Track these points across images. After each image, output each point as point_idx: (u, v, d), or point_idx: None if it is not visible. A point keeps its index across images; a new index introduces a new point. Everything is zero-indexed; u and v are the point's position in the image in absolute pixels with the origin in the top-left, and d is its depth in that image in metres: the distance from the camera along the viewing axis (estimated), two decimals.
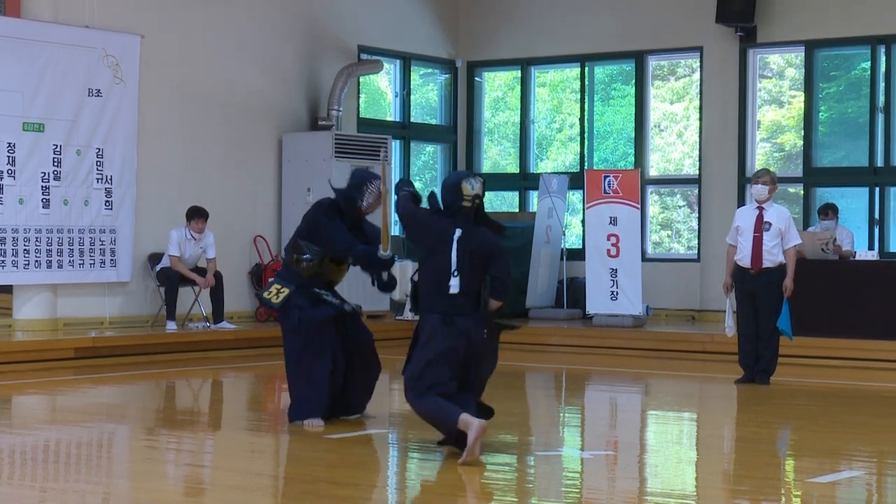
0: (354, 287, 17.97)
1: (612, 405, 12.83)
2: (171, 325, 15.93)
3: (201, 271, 16.15)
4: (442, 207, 9.07)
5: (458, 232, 8.93)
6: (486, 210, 9.17)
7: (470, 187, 8.97)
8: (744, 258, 13.17)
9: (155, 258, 16.43)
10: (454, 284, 8.89)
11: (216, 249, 16.27)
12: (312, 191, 17.84)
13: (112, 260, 16.21)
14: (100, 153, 16.07)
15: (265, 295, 10.33)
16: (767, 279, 13.08)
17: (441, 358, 8.86)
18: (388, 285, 10.42)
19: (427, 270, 9.03)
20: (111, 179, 16.19)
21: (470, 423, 8.55)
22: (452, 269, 8.89)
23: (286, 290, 10.19)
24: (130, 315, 16.40)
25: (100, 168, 16.07)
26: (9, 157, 15.32)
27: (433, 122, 21.05)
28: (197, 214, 16.08)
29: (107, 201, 16.16)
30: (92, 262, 16.02)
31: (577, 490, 8.10)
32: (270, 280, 10.44)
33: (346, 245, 10.11)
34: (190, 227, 16.05)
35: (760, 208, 13.22)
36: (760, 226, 13.12)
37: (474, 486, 8.13)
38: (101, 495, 7.88)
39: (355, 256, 10.17)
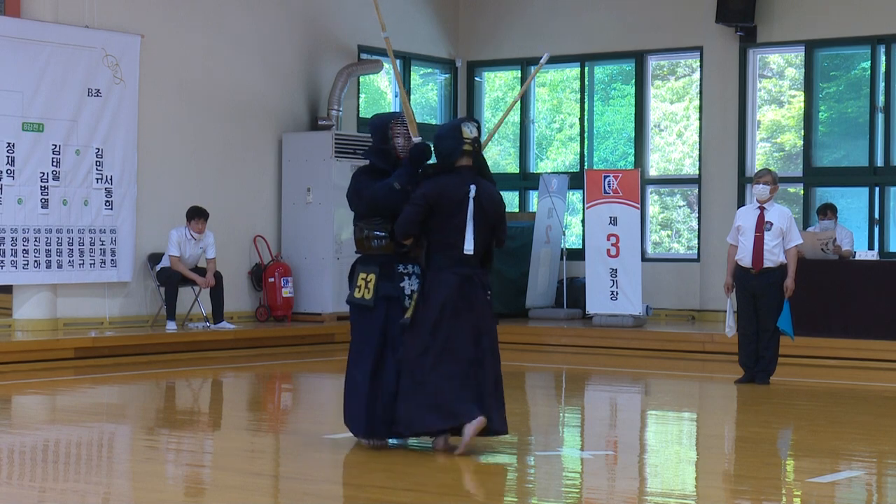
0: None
1: (612, 405, 12.82)
2: (171, 325, 15.93)
3: (201, 271, 16.15)
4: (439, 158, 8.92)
5: (472, 190, 8.81)
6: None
7: (469, 131, 8.88)
8: (745, 258, 13.17)
9: (155, 258, 16.43)
10: (469, 244, 8.78)
11: (216, 249, 16.27)
12: (312, 191, 17.85)
13: (112, 260, 16.21)
14: (99, 153, 16.07)
15: (356, 295, 9.14)
16: (768, 279, 13.08)
17: (448, 355, 8.74)
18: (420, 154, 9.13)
19: (442, 230, 8.81)
20: (111, 179, 16.19)
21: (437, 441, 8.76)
22: (468, 228, 8.78)
23: (373, 276, 9.10)
24: (130, 315, 16.40)
25: (99, 168, 16.07)
26: (8, 157, 15.32)
27: (433, 121, 21.03)
28: (197, 215, 16.08)
29: (107, 201, 16.16)
30: (92, 262, 16.02)
31: (576, 490, 8.09)
32: (353, 268, 9.29)
33: (379, 187, 9.01)
34: (190, 227, 16.05)
35: (762, 208, 13.22)
36: (762, 226, 13.11)
37: (474, 486, 8.13)
38: (101, 495, 7.87)
39: (400, 178, 8.98)
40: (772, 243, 13.10)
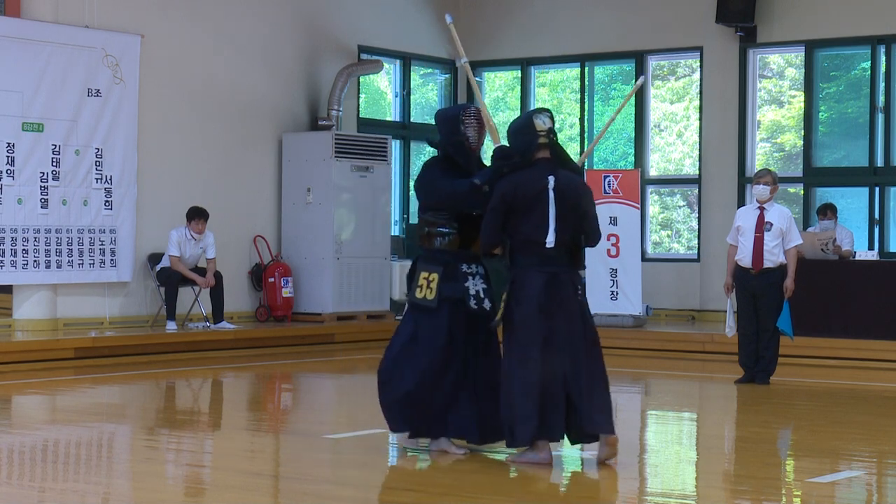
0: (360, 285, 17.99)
1: (613, 405, 12.81)
2: (171, 325, 15.92)
3: (201, 271, 16.15)
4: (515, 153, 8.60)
5: (551, 180, 8.48)
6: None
7: (542, 122, 8.55)
8: (745, 258, 13.17)
9: (155, 258, 16.43)
10: (551, 237, 8.44)
11: (216, 249, 16.27)
12: (312, 191, 17.85)
13: (112, 260, 16.20)
14: (99, 153, 16.06)
15: (418, 295, 8.80)
16: (768, 279, 13.08)
17: (532, 360, 8.37)
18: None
19: (523, 227, 8.46)
20: (111, 179, 16.19)
21: (540, 448, 8.41)
22: (550, 222, 8.44)
23: (436, 276, 8.75)
24: (130, 315, 16.40)
25: (99, 168, 16.06)
26: (8, 157, 15.31)
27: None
28: (197, 215, 16.08)
29: (106, 201, 16.15)
30: (92, 262, 16.01)
31: (577, 490, 8.09)
32: (414, 266, 8.93)
33: (461, 184, 8.68)
34: (190, 227, 16.05)
35: (762, 208, 13.22)
36: (762, 226, 13.11)
37: (474, 486, 8.12)
38: (101, 495, 7.87)
39: (483, 178, 8.64)
40: (772, 243, 13.10)
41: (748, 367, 13.30)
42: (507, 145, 8.76)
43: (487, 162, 8.90)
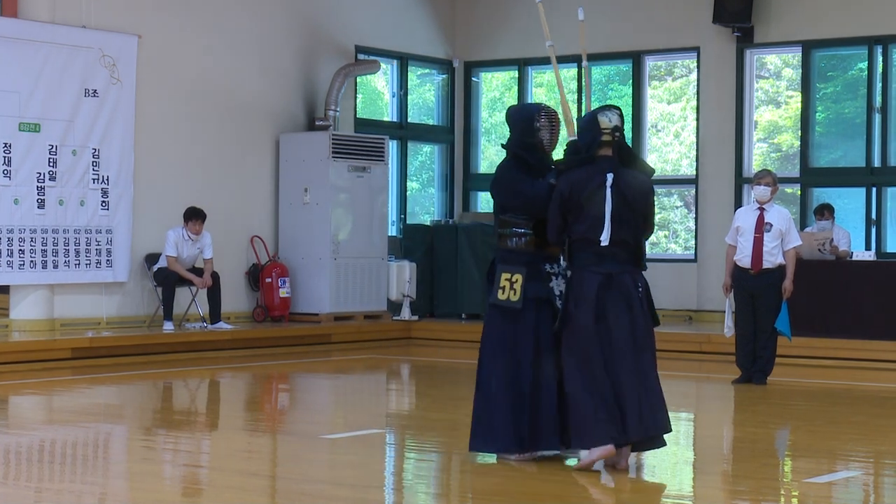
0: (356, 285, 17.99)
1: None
2: (169, 326, 15.91)
3: (198, 271, 16.14)
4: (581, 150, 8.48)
5: (609, 178, 8.32)
6: (630, 153, 8.54)
7: (608, 120, 8.41)
8: (744, 259, 13.17)
9: (152, 258, 16.41)
10: (606, 235, 8.27)
11: (213, 250, 16.26)
12: (310, 191, 17.84)
13: (108, 260, 16.18)
14: (96, 153, 16.05)
15: (500, 297, 8.57)
16: (767, 280, 13.08)
17: (589, 363, 8.25)
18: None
19: (579, 224, 8.33)
20: (107, 180, 16.17)
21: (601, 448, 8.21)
22: (606, 219, 8.28)
23: (519, 276, 8.56)
24: (127, 315, 16.38)
25: (96, 168, 16.05)
26: (4, 157, 15.29)
27: (430, 122, 21.03)
28: (194, 216, 16.06)
29: (103, 201, 16.14)
30: (88, 262, 16.00)
31: (575, 491, 8.08)
32: (495, 268, 8.70)
33: (541, 185, 8.54)
34: (187, 227, 16.04)
35: (761, 209, 13.22)
36: (761, 226, 13.11)
37: (471, 487, 8.11)
38: (98, 496, 7.87)
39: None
40: (771, 244, 13.10)
41: (745, 367, 13.30)
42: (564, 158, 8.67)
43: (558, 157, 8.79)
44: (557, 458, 8.62)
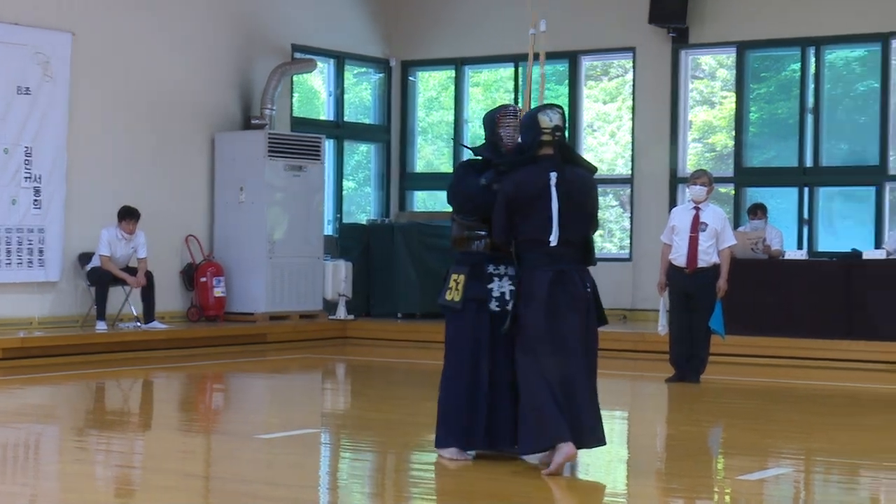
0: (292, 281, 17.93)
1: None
2: (102, 326, 15.80)
3: (132, 271, 16.04)
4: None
5: (553, 177, 8.29)
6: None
7: (548, 119, 8.33)
8: (679, 258, 13.25)
9: (85, 258, 16.28)
10: (554, 235, 8.22)
11: (147, 249, 16.16)
12: (245, 190, 17.78)
13: (41, 259, 16.05)
14: (28, 152, 15.91)
15: (446, 297, 8.64)
16: (702, 279, 13.17)
17: (547, 362, 8.17)
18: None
19: (527, 225, 8.26)
20: (40, 178, 16.03)
21: (560, 448, 8.11)
22: (553, 219, 8.23)
23: (462, 277, 8.60)
24: (60, 315, 16.25)
25: (28, 167, 15.91)
26: None
27: (367, 121, 21.01)
28: (128, 215, 15.96)
29: (35, 200, 15.99)
30: (20, 261, 15.86)
31: (509, 489, 8.09)
32: (449, 269, 8.78)
33: (476, 185, 8.56)
34: (121, 227, 15.93)
35: (697, 208, 13.31)
36: (697, 226, 13.20)
37: (405, 486, 8.12)
38: (29, 497, 7.80)
39: (489, 180, 8.53)
40: (706, 244, 13.19)
41: (679, 365, 13.39)
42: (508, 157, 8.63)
43: None
44: (495, 458, 8.64)
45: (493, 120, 8.71)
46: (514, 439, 8.50)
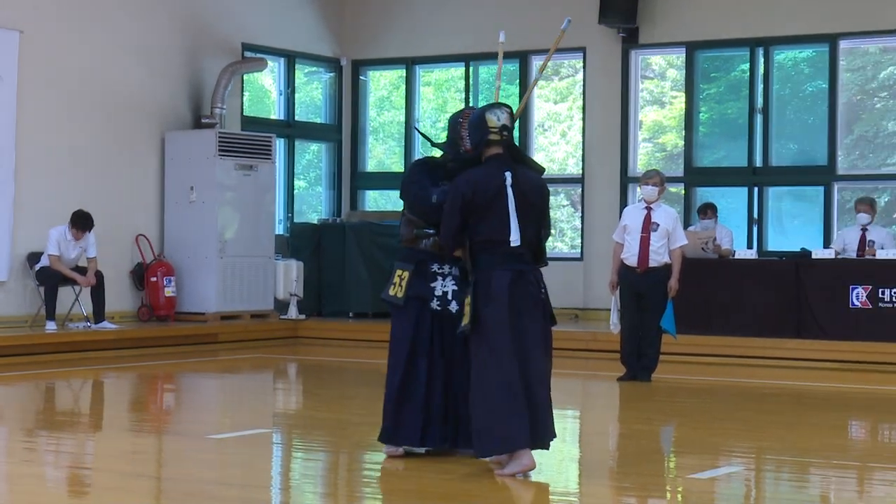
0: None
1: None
2: (51, 325, 15.69)
3: (82, 270, 15.94)
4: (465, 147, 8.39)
5: (508, 177, 8.23)
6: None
7: (496, 118, 8.25)
8: (631, 257, 13.29)
9: (34, 257, 16.17)
10: (515, 234, 8.18)
11: (97, 248, 16.06)
12: (196, 189, 17.70)
13: None
14: None
15: (390, 293, 8.64)
16: (653, 278, 13.22)
17: (507, 363, 8.12)
18: None
19: (483, 226, 8.19)
20: None
21: (520, 456, 8.09)
22: (512, 219, 8.18)
23: (406, 273, 8.61)
24: (9, 315, 16.13)
25: None
26: None
27: (318, 120, 20.97)
28: (79, 223, 15.73)
29: None
30: None
31: (460, 488, 8.09)
32: (394, 265, 8.79)
33: (419, 194, 8.57)
34: (70, 231, 15.78)
35: (649, 208, 13.35)
36: (648, 226, 13.25)
37: (357, 485, 8.10)
38: None
39: (439, 197, 8.47)
40: (658, 244, 13.24)
41: (630, 364, 13.43)
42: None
43: None
44: (444, 455, 8.64)
45: (456, 122, 8.65)
46: (455, 439, 8.53)
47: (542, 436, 8.21)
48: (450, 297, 8.60)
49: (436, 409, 8.54)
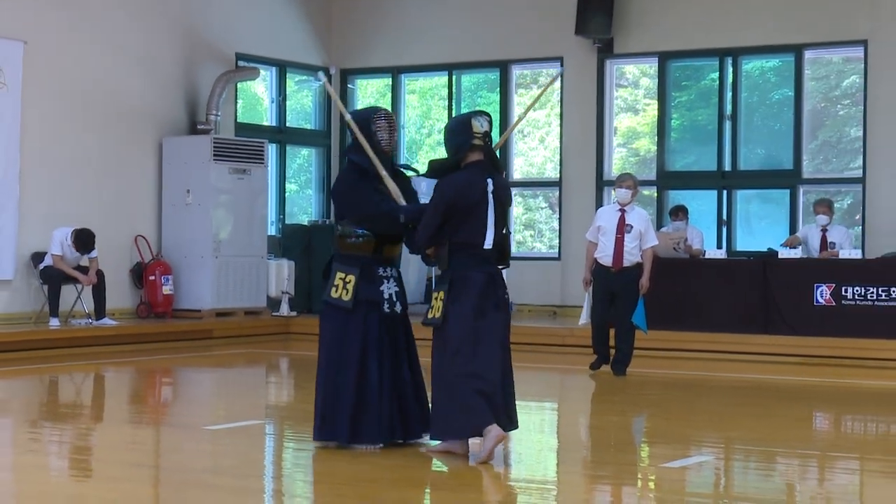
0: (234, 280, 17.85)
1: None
2: (54, 322, 15.66)
3: (84, 269, 15.91)
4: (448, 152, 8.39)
5: (490, 184, 8.24)
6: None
7: (479, 125, 8.27)
8: (605, 257, 13.31)
9: (38, 257, 16.14)
10: (490, 239, 8.23)
11: (98, 248, 16.02)
12: (192, 192, 17.68)
13: None
14: None
15: (333, 294, 8.52)
16: (626, 277, 13.26)
17: (478, 357, 8.21)
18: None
19: (463, 228, 8.22)
20: None
21: (489, 431, 8.13)
22: (489, 223, 8.22)
23: (352, 277, 8.49)
24: (14, 312, 16.10)
25: None
26: None
27: (308, 126, 20.95)
28: (80, 245, 15.62)
29: None
30: None
31: (443, 477, 8.11)
32: (332, 267, 8.63)
33: (382, 210, 8.49)
34: (72, 244, 15.69)
35: (622, 210, 13.38)
36: (622, 227, 13.28)
37: (347, 474, 8.11)
38: None
39: (407, 213, 8.49)
40: (631, 244, 13.28)
41: (600, 351, 13.51)
42: (438, 159, 8.58)
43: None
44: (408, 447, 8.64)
45: (368, 121, 8.61)
46: (405, 432, 8.58)
47: (503, 424, 8.23)
48: (395, 298, 8.61)
49: (386, 409, 8.52)
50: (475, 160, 8.35)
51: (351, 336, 8.48)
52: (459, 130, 8.37)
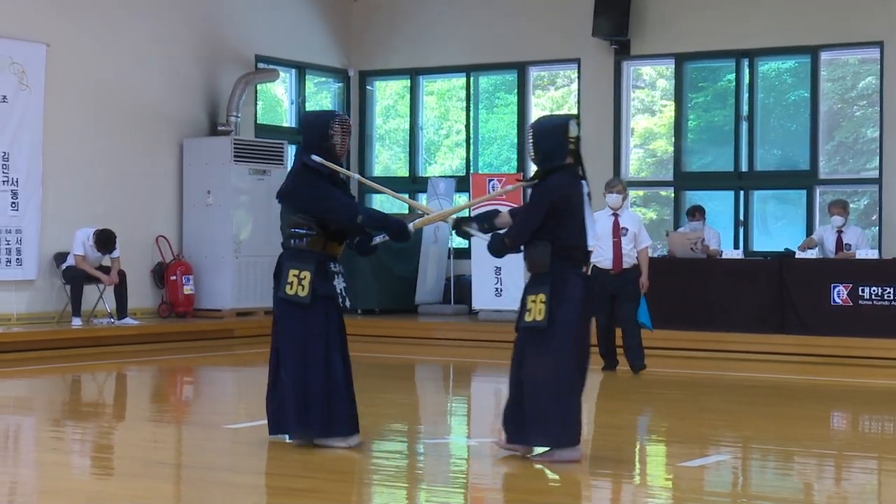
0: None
1: (497, 395, 12.85)
2: (77, 321, 15.69)
3: (106, 269, 15.94)
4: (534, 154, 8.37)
5: (585, 186, 8.30)
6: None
7: (575, 130, 8.33)
8: (604, 261, 13.37)
9: (60, 257, 16.18)
10: (591, 241, 8.26)
11: (120, 249, 16.05)
12: (212, 193, 17.70)
13: (18, 259, 15.92)
14: (6, 157, 15.79)
15: (288, 292, 8.46)
16: (625, 278, 13.43)
17: (585, 356, 8.26)
18: (401, 233, 8.64)
19: (567, 231, 8.18)
20: (17, 182, 15.91)
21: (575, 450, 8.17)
22: (588, 227, 8.22)
23: (307, 274, 8.46)
24: (37, 311, 16.14)
25: (6, 171, 15.78)
26: None
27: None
28: (100, 245, 15.67)
29: (13, 203, 15.87)
30: None
31: (463, 476, 8.09)
32: (283, 266, 8.57)
33: (344, 202, 8.58)
34: (94, 245, 15.72)
35: (615, 214, 13.47)
36: (618, 231, 13.43)
37: (367, 472, 8.10)
38: (8, 485, 7.73)
39: (367, 217, 8.59)
40: (628, 247, 13.48)
41: (607, 355, 13.55)
42: (407, 230, 8.57)
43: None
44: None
45: (325, 126, 8.63)
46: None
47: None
48: (344, 294, 8.62)
49: (353, 401, 8.56)
50: (569, 163, 8.35)
51: (313, 332, 8.46)
52: (557, 132, 8.34)
